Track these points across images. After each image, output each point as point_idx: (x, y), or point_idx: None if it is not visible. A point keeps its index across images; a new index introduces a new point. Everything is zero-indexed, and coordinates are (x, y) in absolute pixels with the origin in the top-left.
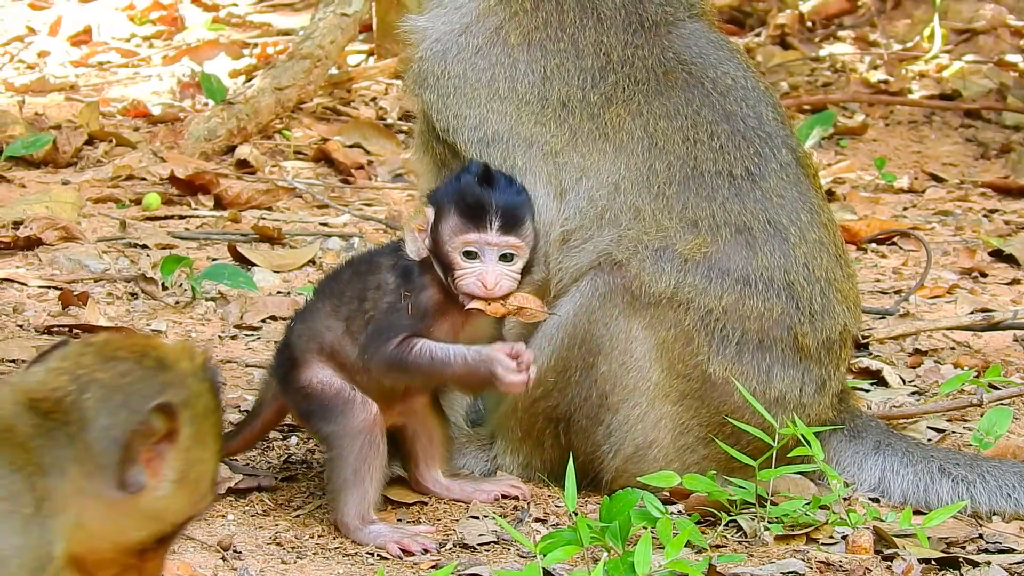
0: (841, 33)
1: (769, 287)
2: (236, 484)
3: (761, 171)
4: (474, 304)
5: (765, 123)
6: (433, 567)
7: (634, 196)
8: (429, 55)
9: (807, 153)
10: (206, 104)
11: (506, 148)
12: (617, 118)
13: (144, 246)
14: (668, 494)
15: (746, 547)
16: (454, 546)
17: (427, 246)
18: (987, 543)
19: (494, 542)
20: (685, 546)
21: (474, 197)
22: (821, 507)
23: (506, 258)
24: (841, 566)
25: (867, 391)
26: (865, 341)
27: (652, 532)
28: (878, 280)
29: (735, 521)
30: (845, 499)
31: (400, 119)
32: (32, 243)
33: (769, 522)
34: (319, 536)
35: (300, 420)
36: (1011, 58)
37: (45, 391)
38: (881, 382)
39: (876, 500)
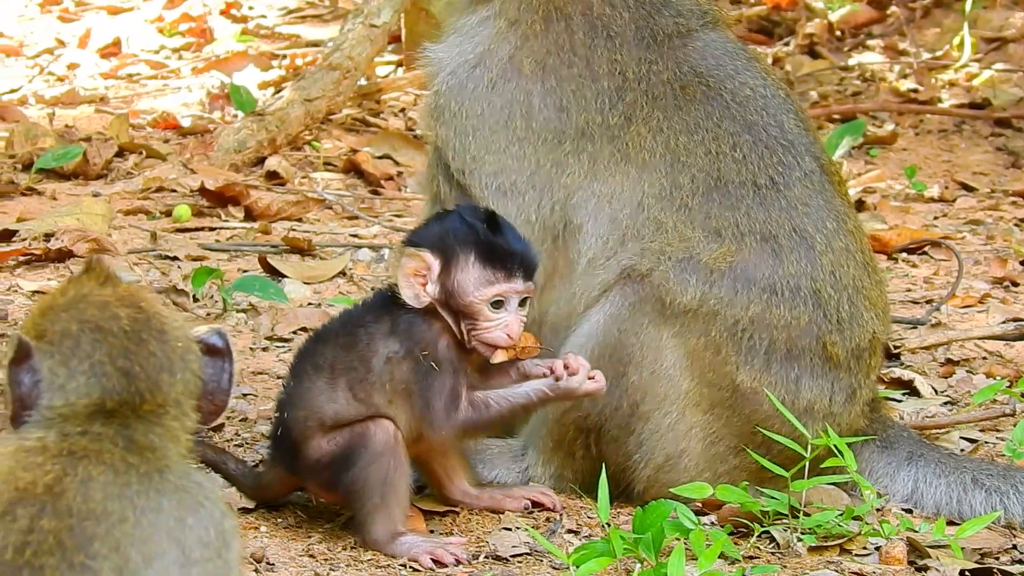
0: (870, 42)
1: (796, 295)
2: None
3: (785, 180)
4: (499, 356)
5: (787, 131)
6: None
7: (657, 211)
8: (445, 89)
9: (831, 160)
10: (235, 116)
11: (523, 201)
12: (638, 137)
13: (175, 258)
14: (700, 505)
15: (779, 558)
16: (486, 557)
17: (432, 294)
18: (1021, 554)
19: (527, 553)
20: (718, 557)
21: (498, 246)
22: (854, 518)
23: (523, 303)
24: None
25: (899, 401)
26: (897, 351)
27: (685, 543)
28: (909, 290)
29: (768, 532)
30: (878, 510)
31: None
32: (63, 255)
33: (802, 533)
34: (351, 548)
35: (324, 490)
36: None
37: None
38: (913, 392)
39: (909, 511)
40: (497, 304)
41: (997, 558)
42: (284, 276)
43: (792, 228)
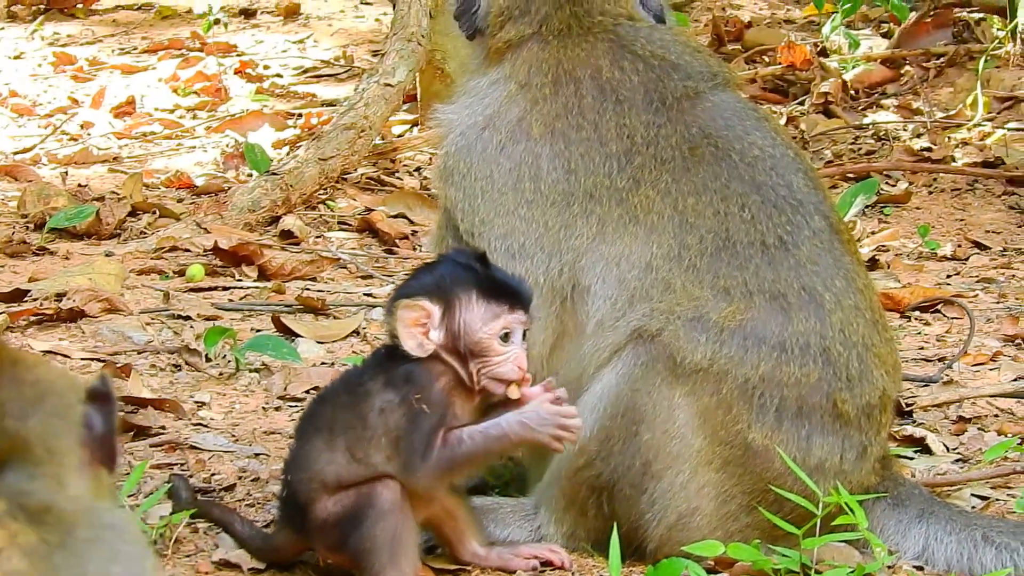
0: (884, 101)
1: (805, 353)
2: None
3: (794, 239)
4: (513, 391)
5: (796, 191)
6: None
7: (665, 271)
8: (454, 150)
9: (841, 218)
10: (250, 175)
11: (531, 263)
12: (646, 200)
13: (188, 317)
14: (713, 563)
15: None
16: None
17: (436, 340)
18: None
19: None
20: None
21: (497, 281)
22: (865, 575)
23: (524, 335)
24: None
25: (911, 459)
26: (909, 409)
27: None
28: (922, 348)
29: None
30: (889, 567)
31: None
32: (75, 315)
33: None
34: None
35: (332, 552)
36: None
37: None
38: (925, 450)
39: (920, 568)
40: (505, 337)
41: None
42: (298, 335)
43: (801, 287)
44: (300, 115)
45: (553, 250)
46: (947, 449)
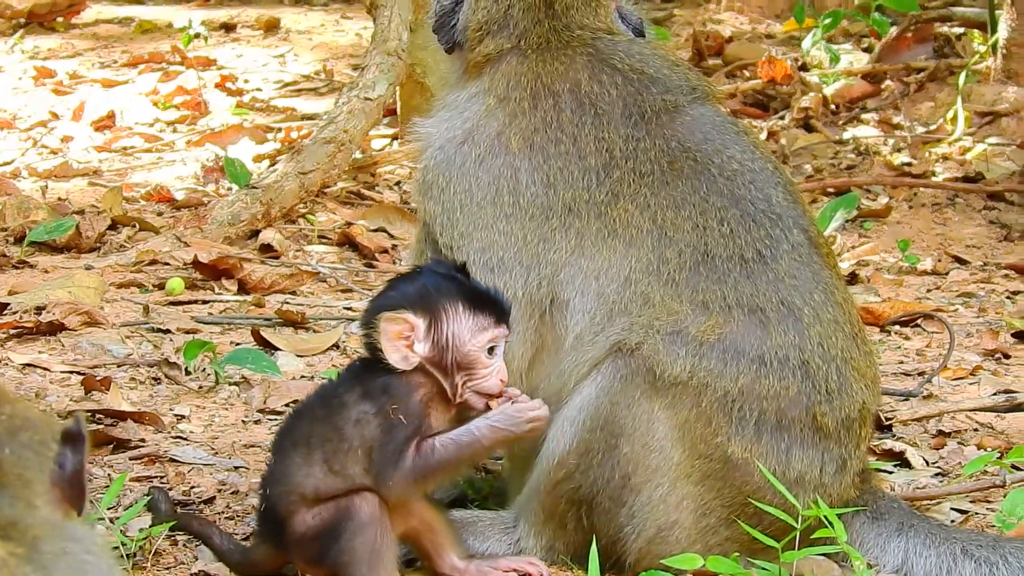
0: (865, 116)
1: (784, 366)
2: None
3: (773, 253)
4: (495, 403)
5: (775, 205)
6: None
7: (644, 285)
8: (433, 164)
9: (820, 232)
10: (230, 189)
11: (510, 277)
12: (625, 213)
13: (167, 331)
14: None
15: None
16: None
17: (421, 353)
18: None
19: None
20: None
21: (483, 293)
22: None
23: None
24: None
25: (890, 473)
26: (888, 423)
27: None
28: (901, 362)
29: None
30: None
31: None
32: (55, 328)
33: None
34: None
35: (311, 565)
36: None
37: None
38: (904, 464)
39: None
40: (490, 350)
41: None
42: (277, 349)
43: (780, 300)
44: (280, 129)
45: (532, 264)
46: (927, 463)
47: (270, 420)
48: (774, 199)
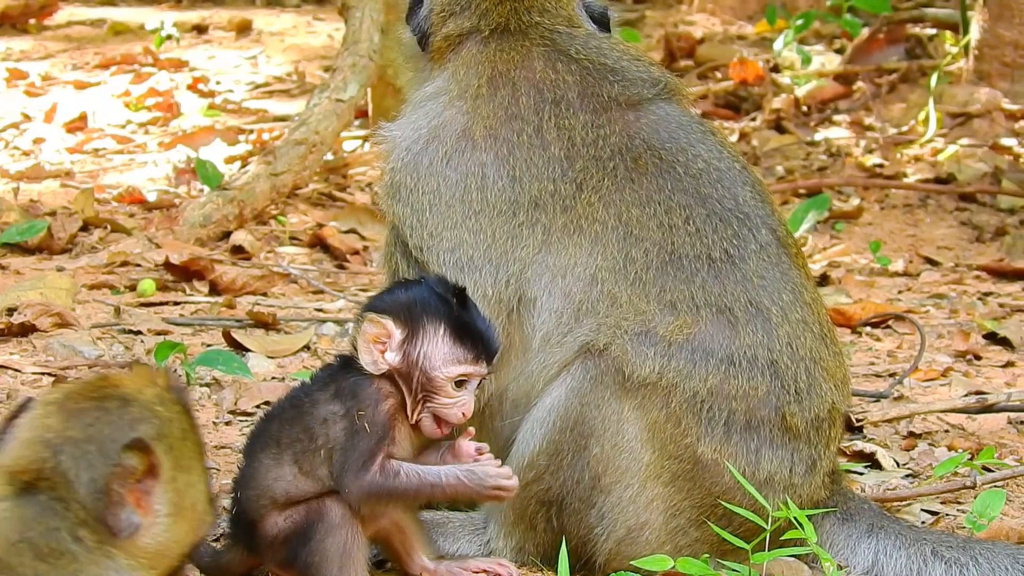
0: (837, 117)
1: (753, 366)
2: None
3: (740, 252)
4: (445, 431)
5: (743, 204)
6: None
7: (611, 284)
8: (400, 166)
9: (789, 232)
10: (201, 190)
11: (479, 276)
12: (590, 207)
13: (138, 332)
14: None
15: None
16: None
17: (391, 362)
18: None
19: None
20: None
21: (469, 327)
22: None
23: (479, 384)
24: None
25: (861, 474)
26: (859, 424)
27: None
28: (872, 363)
29: None
30: None
31: None
32: (26, 329)
33: None
34: None
35: (282, 568)
36: (1006, 142)
37: (23, 465)
38: (875, 465)
39: None
40: (460, 383)
41: None
42: (248, 350)
43: (748, 300)
44: (252, 131)
45: (500, 261)
46: (897, 464)
47: (241, 421)
48: (741, 198)
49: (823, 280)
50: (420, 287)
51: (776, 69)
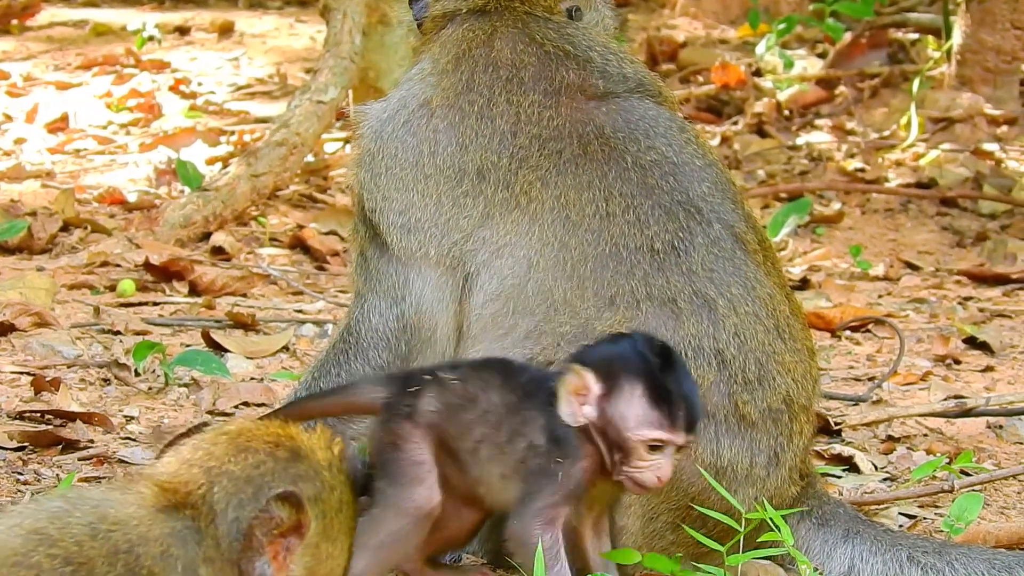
0: (818, 122)
1: (699, 355)
2: None
3: (686, 245)
4: (640, 491)
5: (695, 198)
6: None
7: (546, 275)
8: (368, 133)
9: (754, 229)
10: (182, 191)
11: (424, 238)
12: (528, 185)
13: (118, 332)
14: None
15: None
16: None
17: (589, 416)
18: None
19: None
20: None
21: (669, 390)
22: None
23: (679, 449)
24: None
25: (839, 477)
26: (838, 427)
27: None
28: (852, 367)
29: None
30: None
31: None
32: (5, 329)
33: None
34: None
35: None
36: (987, 147)
37: (176, 483)
38: (853, 468)
39: None
40: (654, 448)
41: None
42: (227, 351)
43: (693, 292)
44: (233, 132)
45: (446, 227)
46: (875, 468)
47: (219, 421)
48: (694, 193)
49: (803, 284)
50: (625, 342)
51: (758, 73)
